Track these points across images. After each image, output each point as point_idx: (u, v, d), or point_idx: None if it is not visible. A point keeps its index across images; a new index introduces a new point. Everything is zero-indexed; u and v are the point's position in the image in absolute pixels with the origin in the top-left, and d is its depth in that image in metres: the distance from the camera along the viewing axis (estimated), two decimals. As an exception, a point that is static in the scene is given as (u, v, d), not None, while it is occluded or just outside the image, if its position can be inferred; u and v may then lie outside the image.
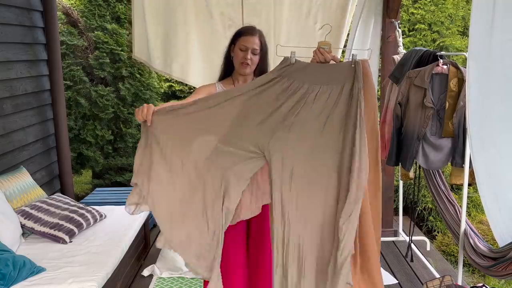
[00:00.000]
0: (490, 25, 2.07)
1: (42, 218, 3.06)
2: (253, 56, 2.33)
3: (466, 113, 2.31)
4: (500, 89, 2.13)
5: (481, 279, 3.88)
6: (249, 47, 2.31)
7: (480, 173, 2.28)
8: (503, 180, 2.21)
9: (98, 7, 5.52)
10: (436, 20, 6.37)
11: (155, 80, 5.92)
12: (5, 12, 3.55)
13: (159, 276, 3.44)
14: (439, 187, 3.27)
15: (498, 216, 2.26)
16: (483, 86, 2.19)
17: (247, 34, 2.35)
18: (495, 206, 2.25)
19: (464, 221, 2.87)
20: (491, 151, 2.22)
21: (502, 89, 2.13)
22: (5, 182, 3.16)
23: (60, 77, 4.20)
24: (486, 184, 2.28)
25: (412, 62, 3.14)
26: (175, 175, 2.01)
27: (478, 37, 2.16)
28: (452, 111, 2.86)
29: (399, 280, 3.39)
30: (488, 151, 2.23)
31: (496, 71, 2.12)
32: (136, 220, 3.45)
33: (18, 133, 3.70)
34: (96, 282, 2.50)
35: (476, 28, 2.16)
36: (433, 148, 2.96)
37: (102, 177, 5.77)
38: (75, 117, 5.55)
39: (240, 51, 2.32)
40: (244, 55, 2.31)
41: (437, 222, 4.53)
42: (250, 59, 2.31)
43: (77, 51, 5.56)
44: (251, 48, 2.31)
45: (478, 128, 2.25)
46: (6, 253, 2.54)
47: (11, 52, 3.61)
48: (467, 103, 2.29)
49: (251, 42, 2.32)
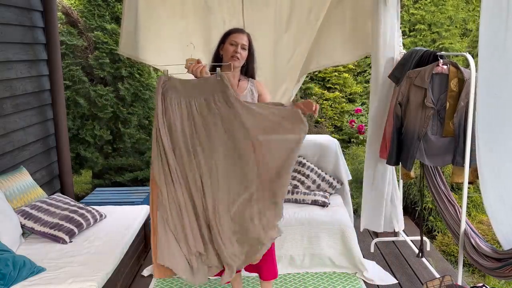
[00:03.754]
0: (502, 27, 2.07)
1: (42, 218, 3.06)
2: (242, 51, 2.58)
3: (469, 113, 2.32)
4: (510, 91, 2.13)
5: (481, 279, 3.88)
6: (239, 42, 2.57)
7: (486, 174, 2.28)
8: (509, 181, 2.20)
9: (97, 7, 5.52)
10: (436, 21, 6.38)
11: (154, 80, 5.92)
12: (5, 12, 3.55)
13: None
14: (439, 187, 3.27)
15: (502, 217, 2.25)
16: (492, 87, 2.19)
17: (237, 32, 2.63)
18: (499, 207, 2.25)
19: (464, 221, 2.87)
20: (498, 152, 2.21)
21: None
22: (5, 182, 3.16)
23: (60, 77, 4.20)
24: (491, 184, 2.27)
25: (412, 62, 3.15)
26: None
27: (488, 39, 2.15)
28: (452, 111, 2.86)
29: (399, 280, 3.39)
30: (495, 152, 2.23)
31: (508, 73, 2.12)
32: (136, 220, 3.46)
33: (18, 133, 3.70)
34: (96, 282, 2.50)
35: (486, 30, 2.15)
36: (434, 147, 2.97)
37: (102, 177, 5.76)
38: (74, 117, 5.54)
39: (230, 45, 2.58)
40: (235, 49, 2.56)
41: (437, 222, 4.53)
42: (239, 53, 2.56)
43: (76, 51, 5.56)
44: (240, 43, 2.57)
45: (485, 129, 2.25)
46: (6, 253, 2.54)
47: (11, 52, 3.61)
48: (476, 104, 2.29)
49: (241, 38, 2.58)
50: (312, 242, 3.46)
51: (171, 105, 2.36)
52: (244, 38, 2.60)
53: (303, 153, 4.11)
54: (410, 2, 6.55)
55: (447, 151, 2.95)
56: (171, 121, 2.35)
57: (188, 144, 2.37)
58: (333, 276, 3.42)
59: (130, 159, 5.71)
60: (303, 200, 3.77)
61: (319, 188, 3.93)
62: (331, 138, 4.25)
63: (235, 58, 2.56)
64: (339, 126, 6.99)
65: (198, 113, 2.37)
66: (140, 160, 5.78)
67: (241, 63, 2.63)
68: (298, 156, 4.11)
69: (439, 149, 2.96)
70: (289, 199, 3.77)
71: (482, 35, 2.17)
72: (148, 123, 5.90)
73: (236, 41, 2.57)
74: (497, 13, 2.08)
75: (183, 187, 2.39)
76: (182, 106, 2.37)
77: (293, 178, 3.98)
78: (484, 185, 2.31)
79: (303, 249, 3.47)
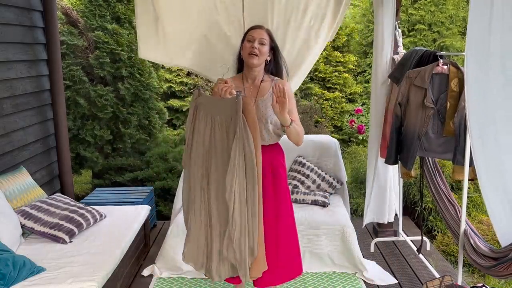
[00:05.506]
0: (489, 25, 2.07)
1: (42, 218, 3.06)
2: (260, 46, 2.45)
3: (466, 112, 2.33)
4: (500, 89, 2.13)
5: (481, 279, 3.88)
6: (256, 37, 2.45)
7: (482, 172, 2.28)
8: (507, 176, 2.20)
9: (98, 7, 5.52)
10: (436, 21, 6.38)
11: (154, 80, 5.92)
12: (5, 12, 3.55)
13: (159, 276, 3.44)
14: (439, 187, 3.27)
15: (501, 213, 2.25)
16: (482, 86, 2.19)
17: (254, 28, 2.52)
18: (498, 204, 2.25)
19: (464, 221, 2.87)
20: (492, 150, 2.22)
21: (502, 89, 2.13)
22: (5, 182, 3.16)
23: (60, 77, 4.20)
24: (488, 182, 2.27)
25: (412, 62, 3.15)
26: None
27: (476, 37, 2.16)
28: (453, 111, 2.86)
29: (399, 280, 3.39)
30: (489, 150, 2.23)
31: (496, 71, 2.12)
32: (136, 220, 3.46)
33: (18, 133, 3.70)
34: (96, 282, 2.50)
35: (474, 28, 2.16)
36: (434, 144, 2.97)
37: (102, 177, 5.76)
38: (74, 117, 5.54)
39: (247, 42, 2.47)
40: (251, 45, 2.44)
41: (437, 222, 4.53)
42: (257, 49, 2.42)
43: (77, 51, 5.56)
44: (258, 38, 2.45)
45: (478, 127, 2.25)
46: (6, 253, 2.54)
47: (11, 52, 3.61)
48: (466, 103, 2.29)
49: (258, 33, 2.47)
50: (312, 242, 3.46)
51: (199, 118, 2.42)
52: (262, 33, 2.47)
53: (303, 153, 4.11)
54: (408, 2, 6.55)
55: (447, 149, 2.95)
56: (198, 129, 2.44)
57: (204, 156, 2.42)
58: (333, 276, 3.42)
59: (130, 159, 5.71)
60: (303, 200, 3.77)
61: (319, 188, 3.93)
62: (331, 138, 4.25)
63: (253, 54, 2.43)
64: (339, 126, 7.00)
65: (219, 128, 2.37)
66: (140, 160, 5.78)
67: (261, 60, 2.48)
68: (298, 156, 4.13)
69: (439, 146, 2.97)
70: (289, 199, 3.77)
71: (469, 34, 2.18)
72: (148, 123, 5.90)
73: (253, 36, 2.45)
74: (483, 10, 2.09)
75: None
76: (208, 119, 2.40)
77: (293, 178, 3.98)
78: (482, 184, 2.31)
79: (303, 249, 3.47)
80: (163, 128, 6.33)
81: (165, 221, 4.65)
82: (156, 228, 4.45)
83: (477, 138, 2.26)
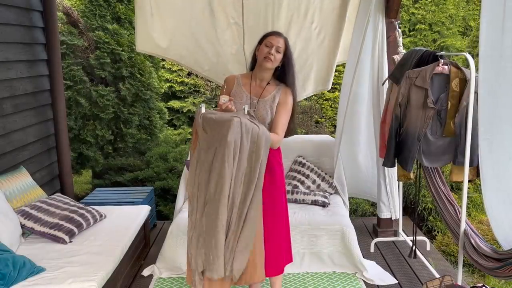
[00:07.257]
0: (501, 27, 2.06)
1: (42, 218, 3.06)
2: (276, 53, 2.60)
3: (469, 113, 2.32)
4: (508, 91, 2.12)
5: (481, 279, 3.88)
6: (274, 44, 2.59)
7: (487, 174, 2.27)
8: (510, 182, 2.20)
9: (98, 7, 5.52)
10: (437, 20, 6.37)
11: (155, 80, 5.92)
12: (5, 12, 3.55)
13: (159, 276, 3.44)
14: (439, 187, 3.26)
15: (503, 216, 2.25)
16: (493, 87, 2.18)
17: (273, 34, 2.66)
18: (500, 207, 2.24)
19: (464, 221, 2.87)
20: (499, 152, 2.21)
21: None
22: (5, 182, 3.16)
23: (60, 77, 4.20)
24: (492, 184, 2.27)
25: (412, 62, 3.14)
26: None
27: (489, 38, 2.15)
28: (454, 111, 2.85)
29: (399, 280, 3.39)
30: (496, 152, 2.22)
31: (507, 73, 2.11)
32: (136, 220, 3.45)
33: (18, 133, 3.70)
34: (96, 282, 2.50)
35: (486, 28, 2.15)
36: (433, 147, 2.96)
37: (102, 177, 5.76)
38: (75, 117, 5.55)
39: (265, 47, 2.61)
40: (269, 50, 2.58)
41: (437, 222, 4.53)
42: (273, 55, 2.58)
43: (77, 51, 5.57)
44: (275, 45, 2.59)
45: (486, 129, 2.24)
46: (6, 253, 2.54)
47: (11, 52, 3.61)
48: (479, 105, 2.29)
49: (276, 41, 2.61)
50: (312, 242, 3.46)
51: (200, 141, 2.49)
52: (280, 41, 2.61)
53: (303, 153, 4.11)
54: (410, 2, 6.55)
55: (446, 151, 2.94)
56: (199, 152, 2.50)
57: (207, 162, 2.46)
58: (333, 276, 3.42)
59: (130, 159, 5.72)
60: (303, 200, 3.77)
61: (319, 188, 3.93)
62: (331, 138, 4.25)
63: (268, 59, 2.58)
64: (339, 126, 6.98)
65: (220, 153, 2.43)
66: (140, 160, 5.79)
67: (274, 65, 2.63)
68: (298, 156, 4.14)
69: (438, 148, 2.96)
70: (289, 199, 3.76)
71: (482, 36, 2.17)
72: (149, 123, 5.91)
73: (271, 43, 2.59)
74: (496, 14, 2.08)
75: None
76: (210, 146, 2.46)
77: (293, 178, 3.98)
78: (485, 186, 2.30)
79: (303, 249, 3.47)
80: (163, 128, 6.34)
81: (165, 221, 4.65)
82: (156, 228, 4.45)
83: (484, 140, 2.25)
